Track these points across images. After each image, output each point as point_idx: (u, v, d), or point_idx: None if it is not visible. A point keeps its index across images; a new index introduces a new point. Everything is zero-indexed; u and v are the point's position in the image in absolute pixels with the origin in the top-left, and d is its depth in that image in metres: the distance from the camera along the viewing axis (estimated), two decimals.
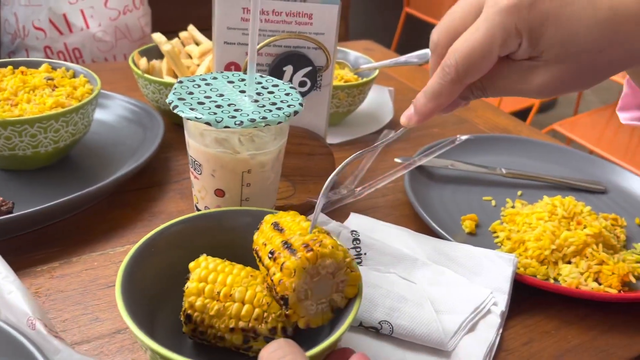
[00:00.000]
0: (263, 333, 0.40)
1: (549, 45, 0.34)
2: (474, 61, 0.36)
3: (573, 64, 0.35)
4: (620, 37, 0.33)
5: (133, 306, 0.39)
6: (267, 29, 0.59)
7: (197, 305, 0.41)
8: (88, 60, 1.37)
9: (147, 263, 0.43)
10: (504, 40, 0.35)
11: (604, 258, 0.55)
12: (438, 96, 0.39)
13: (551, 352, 0.49)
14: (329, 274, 0.39)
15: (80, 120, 0.63)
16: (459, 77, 0.37)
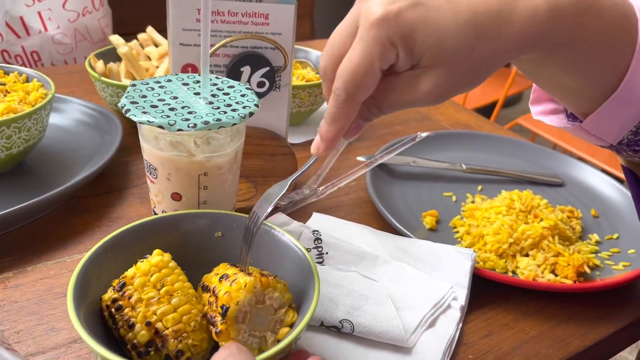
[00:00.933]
0: (169, 348, 0.37)
1: (424, 50, 0.36)
2: (359, 79, 0.37)
3: (451, 65, 0.36)
4: (485, 35, 0.35)
5: (87, 314, 0.38)
6: (223, 30, 0.59)
7: (137, 281, 0.40)
8: (47, 64, 1.34)
9: (103, 269, 0.42)
10: (381, 53, 0.36)
11: (560, 250, 0.56)
12: (337, 120, 0.40)
13: (510, 344, 0.49)
14: (272, 308, 0.39)
15: (33, 126, 0.62)
16: (350, 98, 0.38)
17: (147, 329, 0.38)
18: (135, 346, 0.38)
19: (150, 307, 0.39)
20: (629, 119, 0.40)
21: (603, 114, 0.40)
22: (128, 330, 0.38)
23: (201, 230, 0.47)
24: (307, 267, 0.42)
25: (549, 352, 0.49)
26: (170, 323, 0.38)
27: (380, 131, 0.87)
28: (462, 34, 0.35)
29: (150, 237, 0.46)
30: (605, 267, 0.58)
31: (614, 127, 0.41)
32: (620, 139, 0.41)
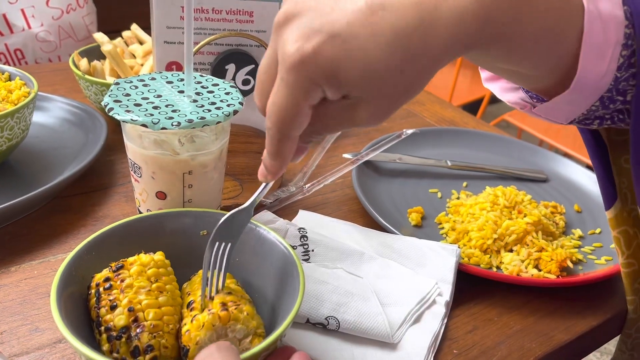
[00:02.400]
0: (141, 340, 0.37)
1: (351, 84, 0.33)
2: (288, 119, 0.35)
3: (383, 92, 0.34)
4: (411, 53, 0.33)
5: (71, 314, 0.38)
6: (207, 27, 0.58)
7: (134, 268, 0.40)
8: (31, 62, 1.33)
9: (87, 268, 0.42)
10: (306, 94, 0.34)
11: (543, 245, 0.57)
12: (278, 155, 0.39)
13: (494, 339, 0.50)
14: (236, 340, 0.39)
15: (16, 125, 0.61)
16: (284, 136, 0.37)
17: (128, 314, 0.38)
18: (109, 329, 0.38)
19: (138, 295, 0.39)
20: (581, 105, 0.39)
21: (556, 105, 0.40)
22: (109, 311, 0.38)
23: (186, 228, 0.47)
24: (293, 265, 0.43)
25: (532, 345, 0.50)
26: (152, 317, 0.38)
27: (366, 128, 0.88)
28: (385, 58, 0.32)
29: (135, 236, 0.46)
30: (588, 261, 0.59)
31: (565, 113, 0.40)
32: (572, 119, 0.41)
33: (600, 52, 0.37)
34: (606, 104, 0.39)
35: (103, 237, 0.44)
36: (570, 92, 0.38)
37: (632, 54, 0.37)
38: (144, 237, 0.46)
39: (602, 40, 0.36)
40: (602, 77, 0.37)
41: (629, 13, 0.36)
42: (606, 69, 0.37)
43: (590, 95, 0.38)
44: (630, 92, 0.38)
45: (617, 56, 0.37)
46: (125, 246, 0.45)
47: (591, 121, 0.42)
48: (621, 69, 0.37)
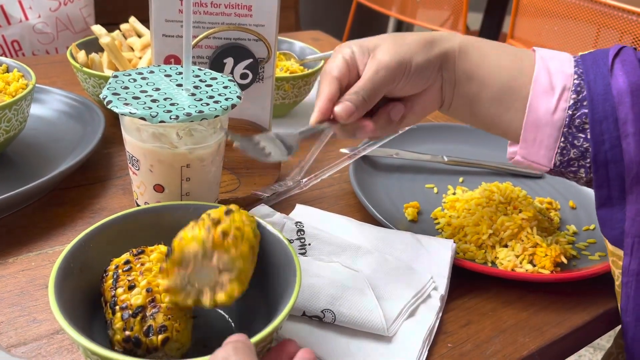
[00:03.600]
0: (156, 320, 0.38)
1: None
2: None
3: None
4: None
5: (69, 305, 0.38)
6: (205, 21, 0.59)
7: (154, 255, 0.42)
8: (28, 53, 1.32)
9: (85, 260, 0.42)
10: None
11: (538, 241, 0.57)
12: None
13: (488, 333, 0.50)
14: (217, 269, 0.38)
15: (14, 117, 0.61)
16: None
17: (145, 294, 0.39)
18: (125, 307, 0.38)
19: (156, 279, 0.40)
20: (549, 141, 0.49)
21: (526, 138, 0.50)
22: (126, 291, 0.39)
23: (184, 221, 0.47)
24: (289, 258, 0.43)
25: (526, 340, 0.50)
26: (167, 301, 0.39)
27: None
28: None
29: (132, 228, 0.46)
30: (582, 257, 0.59)
31: (542, 154, 0.50)
32: (553, 161, 0.50)
33: (547, 92, 0.49)
34: (570, 140, 0.48)
35: (101, 230, 0.44)
36: (529, 125, 0.50)
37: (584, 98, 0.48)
38: (141, 230, 0.46)
39: (548, 83, 0.49)
40: (553, 112, 0.49)
41: (579, 71, 0.49)
42: (555, 106, 0.48)
43: (549, 130, 0.49)
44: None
45: (567, 97, 0.48)
46: (122, 239, 0.45)
47: (576, 168, 0.50)
48: (573, 108, 0.48)
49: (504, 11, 2.52)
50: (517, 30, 1.74)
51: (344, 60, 0.50)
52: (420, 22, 2.07)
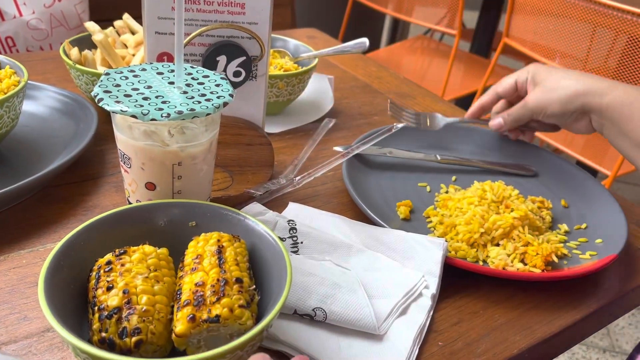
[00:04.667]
0: (130, 322, 0.37)
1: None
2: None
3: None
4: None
5: (59, 303, 0.38)
6: (198, 19, 0.58)
7: (136, 255, 0.41)
8: (22, 50, 1.32)
9: (76, 258, 0.42)
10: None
11: (529, 239, 0.58)
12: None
13: (479, 331, 0.51)
14: (227, 335, 0.39)
15: (6, 114, 0.61)
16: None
17: (122, 295, 0.38)
18: (102, 308, 0.38)
19: (134, 280, 0.39)
20: None
21: None
22: (105, 292, 0.39)
23: (175, 219, 0.47)
24: (281, 257, 0.43)
25: (516, 338, 0.50)
26: (144, 301, 0.38)
27: (357, 121, 0.88)
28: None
29: (124, 226, 0.46)
30: (573, 256, 0.60)
31: None
32: None
33: None
34: None
35: (92, 227, 0.44)
36: None
37: None
38: (133, 228, 0.46)
39: None
40: None
41: None
42: None
43: None
44: None
45: None
46: (114, 236, 0.45)
47: None
48: None
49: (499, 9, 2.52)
50: (513, 29, 1.74)
51: (514, 83, 0.74)
52: (416, 20, 2.07)
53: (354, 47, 0.79)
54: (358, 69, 1.10)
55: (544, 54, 1.65)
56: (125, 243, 0.45)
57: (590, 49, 1.54)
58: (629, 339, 1.77)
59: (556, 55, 1.65)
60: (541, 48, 1.67)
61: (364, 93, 0.99)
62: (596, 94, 0.63)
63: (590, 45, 1.53)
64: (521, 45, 1.71)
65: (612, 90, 0.63)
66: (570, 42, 1.55)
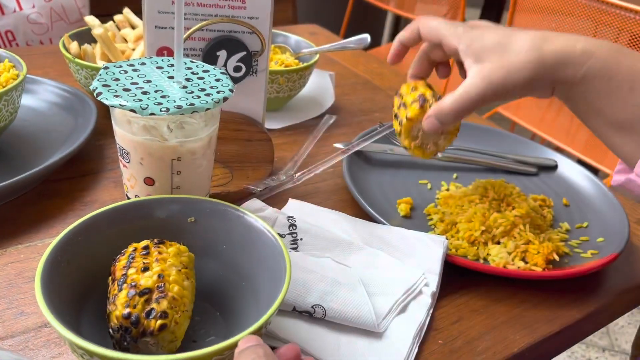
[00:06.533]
0: (160, 304, 0.38)
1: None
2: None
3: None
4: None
5: (56, 298, 0.38)
6: (199, 13, 0.58)
7: (171, 249, 0.42)
8: (22, 44, 1.31)
9: (74, 253, 0.42)
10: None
11: (531, 238, 0.57)
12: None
13: (479, 329, 0.50)
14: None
15: (4, 108, 0.60)
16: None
17: (156, 279, 0.39)
18: (133, 285, 0.38)
19: (170, 269, 0.40)
20: None
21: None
22: (139, 272, 0.39)
23: (174, 215, 0.47)
24: (280, 254, 0.43)
25: (516, 337, 0.50)
26: (175, 291, 0.39)
27: (358, 118, 0.87)
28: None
29: (122, 221, 0.46)
30: (574, 254, 0.59)
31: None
32: None
33: None
34: None
35: (90, 222, 0.44)
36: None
37: None
38: (132, 223, 0.46)
39: None
40: None
41: None
42: None
43: None
44: None
45: None
46: (112, 231, 0.45)
47: None
48: None
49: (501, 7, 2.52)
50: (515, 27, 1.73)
51: (417, 36, 0.57)
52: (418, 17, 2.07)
53: (355, 43, 0.79)
54: (359, 66, 1.10)
55: None
56: (124, 238, 0.45)
57: None
58: (629, 339, 1.77)
59: None
60: None
61: (365, 89, 0.98)
62: (569, 65, 0.48)
63: None
64: None
65: (588, 59, 0.48)
66: None
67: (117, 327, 0.38)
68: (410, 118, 0.55)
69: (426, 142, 0.57)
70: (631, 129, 0.48)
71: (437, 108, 0.53)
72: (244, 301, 0.46)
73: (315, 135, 0.77)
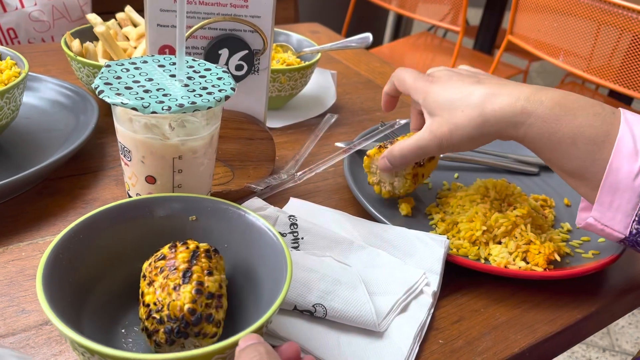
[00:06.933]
0: (218, 315, 0.39)
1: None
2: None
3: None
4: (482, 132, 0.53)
5: (57, 296, 0.38)
6: (201, 12, 0.58)
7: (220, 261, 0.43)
8: (24, 41, 1.31)
9: (75, 250, 0.42)
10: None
11: (532, 238, 0.57)
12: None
13: (480, 329, 0.50)
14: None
15: (6, 105, 0.60)
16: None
17: (217, 286, 0.40)
18: (201, 284, 0.39)
19: (224, 282, 0.42)
20: (627, 207, 0.47)
21: (602, 199, 0.48)
22: (205, 274, 0.40)
23: (175, 213, 0.47)
24: (281, 253, 0.43)
25: (517, 337, 0.50)
26: (225, 306, 0.41)
27: (360, 117, 0.87)
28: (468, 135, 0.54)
29: (123, 219, 0.46)
30: (576, 255, 0.59)
31: (618, 216, 0.47)
32: (629, 229, 0.47)
33: (631, 155, 0.46)
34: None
35: (92, 220, 0.44)
36: (607, 187, 0.47)
37: None
38: (133, 221, 0.46)
39: (632, 147, 0.46)
40: (635, 177, 0.46)
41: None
42: (638, 171, 0.46)
43: (629, 195, 0.46)
44: None
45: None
46: (114, 230, 0.45)
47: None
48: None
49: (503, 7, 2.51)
50: (517, 27, 1.73)
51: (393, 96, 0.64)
52: (420, 17, 2.06)
53: (357, 42, 0.78)
54: (361, 65, 1.10)
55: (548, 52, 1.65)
56: (125, 236, 0.45)
57: (594, 47, 1.53)
58: (629, 339, 1.77)
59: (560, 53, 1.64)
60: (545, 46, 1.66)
61: (366, 89, 0.98)
62: (509, 125, 0.51)
63: (594, 43, 1.53)
64: (525, 42, 1.70)
65: (527, 118, 0.50)
66: (574, 40, 1.54)
67: (175, 317, 0.38)
68: (368, 154, 0.62)
69: (383, 181, 0.62)
70: (581, 176, 0.50)
71: (389, 150, 0.59)
72: (245, 300, 0.46)
73: (317, 134, 0.77)
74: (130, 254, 0.45)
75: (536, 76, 3.56)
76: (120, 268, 0.45)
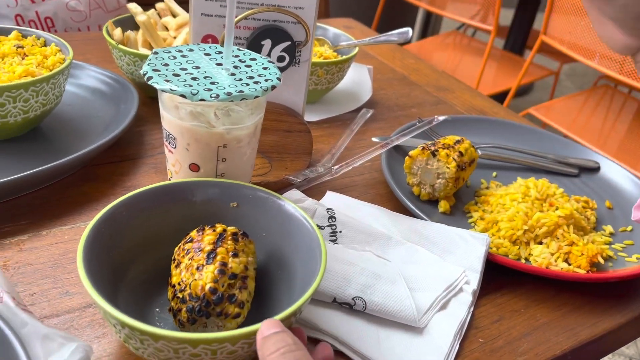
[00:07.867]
0: (241, 296, 0.39)
1: None
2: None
3: None
4: None
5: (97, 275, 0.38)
6: (245, 2, 0.58)
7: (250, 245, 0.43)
8: (61, 31, 1.33)
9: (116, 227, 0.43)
10: None
11: (574, 239, 0.56)
12: None
13: (520, 330, 0.50)
14: (436, 172, 0.61)
15: (51, 91, 0.61)
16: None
17: (242, 268, 0.40)
18: (224, 265, 0.39)
19: (251, 265, 0.42)
20: None
21: None
22: (229, 255, 0.40)
23: (215, 198, 0.47)
24: (317, 245, 0.42)
25: (559, 339, 0.49)
26: (251, 288, 0.41)
27: (395, 113, 0.87)
28: None
29: (165, 201, 0.46)
30: (619, 258, 0.58)
31: None
32: None
33: None
34: None
35: (134, 199, 0.44)
36: None
37: None
38: (174, 204, 0.46)
39: None
40: None
41: None
42: None
43: None
44: None
45: None
46: (155, 211, 0.45)
47: None
48: None
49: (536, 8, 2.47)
50: (551, 27, 1.70)
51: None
52: (449, 14, 2.04)
53: (397, 36, 0.78)
54: (395, 61, 1.09)
55: (583, 54, 1.61)
56: (165, 218, 0.45)
57: None
58: None
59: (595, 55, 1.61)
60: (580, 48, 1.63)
61: (401, 85, 0.98)
62: None
63: None
64: (559, 44, 1.67)
65: None
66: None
67: (196, 296, 0.38)
68: (410, 155, 0.62)
69: (424, 183, 0.62)
70: None
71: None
72: (278, 289, 0.46)
73: (352, 128, 0.77)
74: (170, 237, 0.45)
75: (566, 79, 3.50)
76: (159, 249, 0.46)
